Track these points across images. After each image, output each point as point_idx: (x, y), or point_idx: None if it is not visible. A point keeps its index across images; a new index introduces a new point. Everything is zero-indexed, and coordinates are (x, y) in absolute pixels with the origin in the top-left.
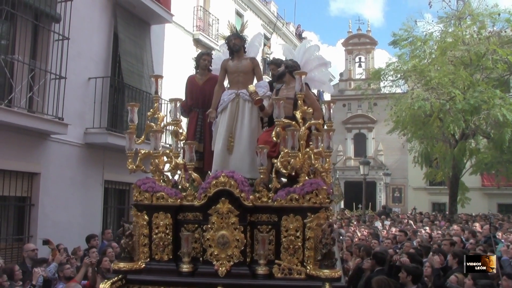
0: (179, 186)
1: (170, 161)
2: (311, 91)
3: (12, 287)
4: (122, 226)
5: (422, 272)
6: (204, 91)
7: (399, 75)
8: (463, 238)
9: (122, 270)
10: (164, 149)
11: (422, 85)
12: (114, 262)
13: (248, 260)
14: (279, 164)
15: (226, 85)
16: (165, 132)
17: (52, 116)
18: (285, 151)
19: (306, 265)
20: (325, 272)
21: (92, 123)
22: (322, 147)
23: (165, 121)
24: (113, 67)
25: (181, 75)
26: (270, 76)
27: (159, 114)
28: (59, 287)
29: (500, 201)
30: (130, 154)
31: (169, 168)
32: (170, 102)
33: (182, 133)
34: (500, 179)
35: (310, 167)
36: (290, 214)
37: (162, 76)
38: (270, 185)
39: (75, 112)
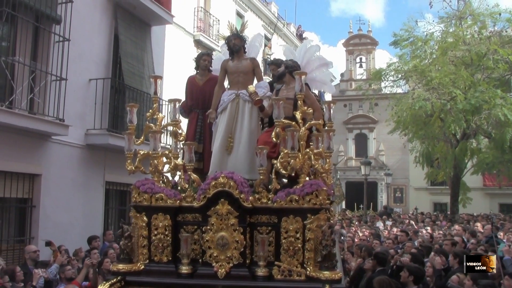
0: (178, 187)
1: (169, 162)
2: (311, 91)
3: None
4: (121, 227)
5: (425, 273)
6: (204, 92)
7: (400, 75)
8: (465, 238)
9: (121, 271)
10: (164, 149)
11: (423, 85)
12: (113, 264)
13: (247, 261)
14: (279, 165)
15: (226, 86)
16: (165, 133)
17: (53, 117)
18: (285, 151)
19: (306, 267)
20: (325, 274)
21: (93, 124)
22: (323, 148)
23: (165, 122)
24: (113, 68)
25: (181, 76)
26: (270, 77)
27: (158, 115)
28: None
29: (501, 201)
30: (129, 155)
31: (168, 169)
32: (169, 103)
33: (181, 133)
34: (501, 179)
35: (310, 168)
36: (290, 215)
37: (161, 77)
38: (270, 186)
39: (76, 113)
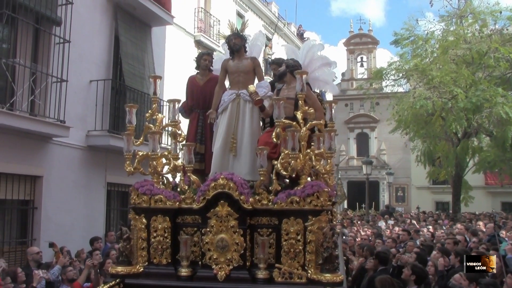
0: (178, 189)
1: (168, 163)
2: (312, 90)
3: None
4: (120, 229)
5: (427, 275)
6: (205, 92)
7: (401, 74)
8: (467, 237)
9: (120, 274)
10: (164, 150)
11: (424, 84)
12: (112, 266)
13: (247, 264)
14: (280, 166)
15: (227, 86)
16: (166, 134)
17: (54, 119)
18: (286, 152)
19: (307, 269)
20: (326, 276)
21: (94, 126)
22: (324, 148)
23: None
24: (114, 70)
25: (182, 77)
26: (271, 77)
27: (158, 116)
28: None
29: (503, 200)
30: (128, 156)
31: (167, 170)
32: (169, 103)
33: (181, 134)
34: (503, 177)
35: (312, 169)
36: (291, 217)
37: (160, 77)
38: (270, 187)
39: (77, 114)
